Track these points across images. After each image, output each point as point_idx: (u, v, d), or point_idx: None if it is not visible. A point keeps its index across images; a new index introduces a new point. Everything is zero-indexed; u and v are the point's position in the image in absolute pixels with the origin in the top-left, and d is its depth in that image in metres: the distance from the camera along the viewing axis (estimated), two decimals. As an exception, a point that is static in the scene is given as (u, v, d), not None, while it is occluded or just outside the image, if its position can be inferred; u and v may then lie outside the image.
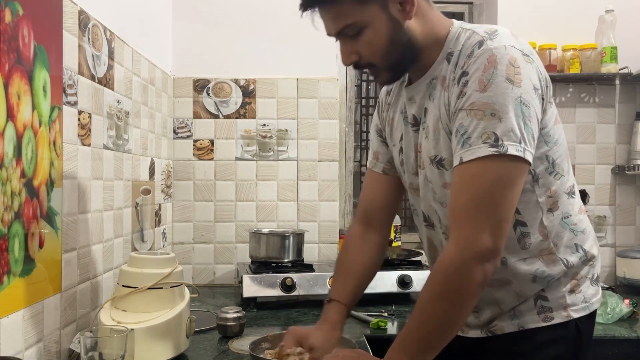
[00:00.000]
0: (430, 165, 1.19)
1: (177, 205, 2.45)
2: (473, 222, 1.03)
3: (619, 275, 2.32)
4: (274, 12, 2.46)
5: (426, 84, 1.19)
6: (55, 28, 1.34)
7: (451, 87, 1.11)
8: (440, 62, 1.16)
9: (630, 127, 2.47)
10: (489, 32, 1.10)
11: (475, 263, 1.03)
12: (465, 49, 1.10)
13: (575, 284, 1.19)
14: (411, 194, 1.32)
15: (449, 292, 1.05)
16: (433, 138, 1.16)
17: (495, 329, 1.21)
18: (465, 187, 1.05)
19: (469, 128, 1.05)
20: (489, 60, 1.05)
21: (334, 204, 2.48)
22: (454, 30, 1.16)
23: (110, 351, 1.14)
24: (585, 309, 1.19)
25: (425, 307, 1.07)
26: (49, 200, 1.29)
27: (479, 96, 1.04)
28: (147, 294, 1.38)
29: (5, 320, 1.11)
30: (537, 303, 1.18)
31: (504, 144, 1.02)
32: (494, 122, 1.02)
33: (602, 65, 2.40)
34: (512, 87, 1.03)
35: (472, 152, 1.04)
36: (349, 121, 2.58)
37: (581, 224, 1.21)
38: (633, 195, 2.51)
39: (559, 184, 1.17)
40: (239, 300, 2.08)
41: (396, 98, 1.32)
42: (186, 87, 2.45)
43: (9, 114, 1.12)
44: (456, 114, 1.08)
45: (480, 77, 1.04)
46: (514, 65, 1.04)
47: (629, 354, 1.74)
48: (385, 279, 2.05)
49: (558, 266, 1.17)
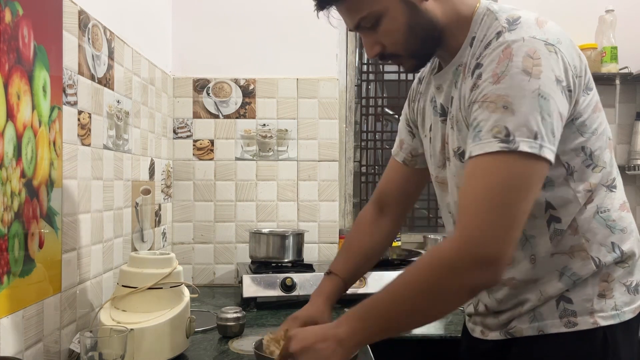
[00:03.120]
0: (454, 157, 1.12)
1: (177, 205, 2.45)
2: (479, 222, 0.94)
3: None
4: (274, 12, 2.46)
5: (452, 71, 1.13)
6: (55, 28, 1.34)
7: (467, 79, 1.06)
8: (466, 47, 1.09)
9: (630, 127, 2.47)
10: (511, 20, 1.02)
11: (474, 267, 0.94)
12: (485, 38, 1.04)
13: (605, 287, 1.08)
14: (438, 188, 1.25)
15: (432, 288, 0.98)
16: (456, 129, 1.10)
17: (514, 331, 1.12)
18: (474, 184, 0.97)
19: (480, 121, 0.97)
20: (504, 52, 0.97)
21: (334, 204, 2.48)
22: (480, 10, 1.09)
23: (110, 351, 1.14)
24: (614, 318, 1.07)
25: (404, 289, 1.00)
26: (49, 200, 1.29)
27: (492, 88, 0.97)
28: (147, 294, 1.38)
29: (5, 320, 1.11)
30: (560, 305, 1.08)
31: (515, 139, 0.93)
32: (507, 115, 0.94)
33: (602, 65, 2.40)
34: (529, 79, 0.94)
35: (480, 147, 0.96)
36: (349, 121, 2.58)
37: (621, 222, 1.10)
38: (633, 195, 2.51)
39: (600, 176, 1.08)
40: (239, 300, 2.08)
41: (427, 86, 1.27)
42: (186, 87, 2.45)
43: (8, 114, 1.12)
44: (470, 107, 1.01)
45: (495, 69, 0.97)
46: (532, 57, 0.96)
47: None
48: (386, 279, 2.02)
49: (588, 265, 1.07)
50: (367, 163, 2.73)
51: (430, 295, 0.98)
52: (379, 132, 2.73)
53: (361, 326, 1.02)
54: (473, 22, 1.09)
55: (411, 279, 1.01)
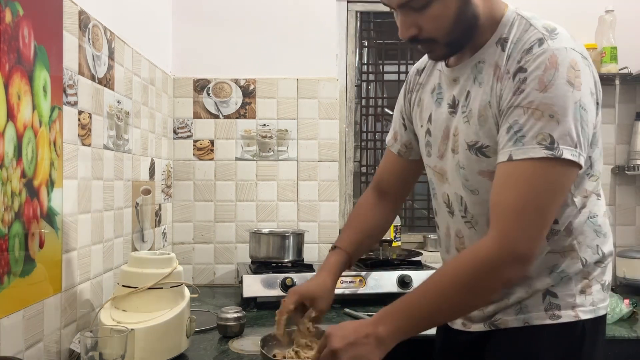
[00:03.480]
0: (467, 150, 1.15)
1: (177, 205, 2.45)
2: (517, 222, 1.01)
3: (619, 275, 2.32)
4: (274, 12, 2.46)
5: (471, 66, 1.16)
6: (55, 28, 1.34)
7: (505, 80, 1.08)
8: (491, 46, 1.13)
9: (630, 127, 2.47)
10: (549, 29, 1.07)
11: (511, 264, 1.02)
12: (523, 43, 1.07)
13: (586, 284, 1.17)
14: (434, 177, 1.29)
15: (475, 285, 1.04)
16: (477, 123, 1.13)
17: (499, 323, 1.18)
18: (513, 185, 1.03)
19: (524, 126, 1.02)
20: (550, 60, 1.02)
21: (334, 204, 2.48)
22: (509, 14, 1.14)
23: (110, 351, 1.14)
24: (592, 312, 1.16)
25: (445, 289, 1.05)
26: (49, 200, 1.29)
27: (539, 96, 1.01)
28: (147, 294, 1.39)
29: (5, 320, 1.11)
30: (546, 299, 1.15)
31: (559, 147, 1.00)
32: (552, 124, 1.00)
33: (602, 65, 2.40)
34: (573, 90, 1.01)
35: (524, 152, 1.01)
36: (349, 121, 2.58)
37: (604, 227, 1.20)
38: (633, 195, 2.51)
39: (594, 185, 1.16)
40: (239, 300, 2.08)
41: (427, 78, 1.30)
42: (186, 87, 2.45)
43: (9, 114, 1.12)
44: (511, 109, 1.05)
45: (541, 76, 1.02)
46: (574, 69, 1.02)
47: (629, 354, 1.74)
48: (385, 279, 2.05)
49: (576, 264, 1.16)
50: (367, 163, 2.73)
51: (470, 291, 1.04)
52: (379, 132, 2.74)
53: (402, 325, 1.06)
54: (502, 23, 1.13)
55: (451, 276, 1.06)
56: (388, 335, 1.05)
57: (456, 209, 1.23)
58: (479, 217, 1.19)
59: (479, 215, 1.19)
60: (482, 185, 1.15)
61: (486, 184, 1.13)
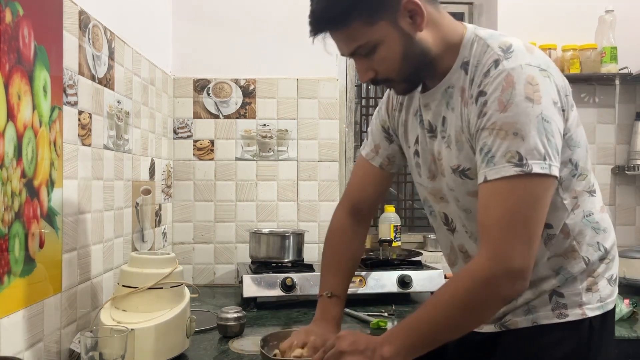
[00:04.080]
0: (452, 174, 1.19)
1: (177, 205, 2.45)
2: (504, 238, 1.04)
3: (619, 275, 2.31)
4: (274, 12, 2.46)
5: (441, 92, 1.19)
6: (55, 28, 1.34)
7: (470, 105, 1.11)
8: (456, 71, 1.16)
9: (630, 127, 2.47)
10: (504, 48, 1.09)
11: (506, 280, 1.04)
12: (482, 66, 1.10)
13: (592, 282, 1.19)
14: (429, 197, 1.31)
15: (473, 303, 1.06)
16: (455, 148, 1.16)
17: (509, 324, 1.21)
18: (493, 204, 1.06)
19: (492, 147, 1.05)
20: (506, 80, 1.05)
21: (334, 204, 2.42)
22: (468, 36, 1.16)
23: (110, 351, 1.14)
24: (599, 309, 1.19)
25: (445, 308, 1.08)
26: (50, 200, 1.29)
27: (500, 116, 1.04)
28: (147, 294, 1.39)
29: (5, 320, 1.11)
30: (553, 299, 1.18)
31: (528, 162, 1.02)
32: (517, 141, 1.03)
33: (602, 65, 2.40)
34: (533, 105, 1.03)
35: (496, 171, 1.04)
36: (349, 121, 2.59)
37: (603, 223, 1.22)
38: (633, 195, 2.51)
39: (584, 184, 1.18)
40: (239, 300, 2.08)
41: (409, 100, 1.31)
42: (186, 87, 2.45)
43: (9, 114, 1.12)
44: (479, 132, 1.08)
45: (500, 97, 1.05)
46: (531, 84, 1.04)
47: (629, 354, 1.74)
48: (385, 279, 2.05)
49: (579, 264, 1.18)
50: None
51: (469, 310, 1.07)
52: (379, 132, 2.73)
53: (405, 345, 1.08)
54: (462, 46, 1.16)
55: (449, 298, 1.08)
56: (391, 355, 1.07)
57: (458, 225, 1.26)
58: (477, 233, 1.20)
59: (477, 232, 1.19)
60: (473, 205, 1.17)
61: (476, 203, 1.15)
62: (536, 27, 2.44)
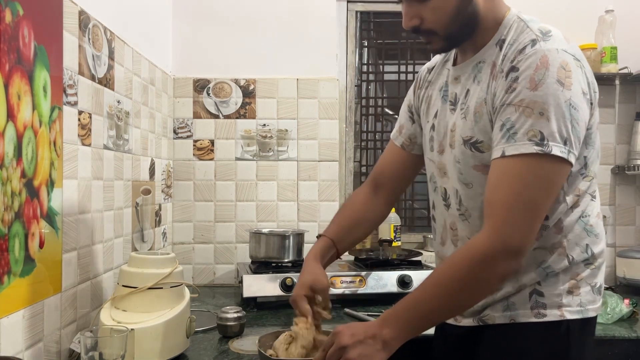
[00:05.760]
0: (462, 145, 1.19)
1: (177, 205, 2.45)
2: (509, 217, 1.05)
3: (619, 275, 2.32)
4: (274, 12, 2.46)
5: (473, 65, 1.21)
6: (55, 28, 1.34)
7: (499, 79, 1.12)
8: (491, 47, 1.18)
9: (630, 127, 2.47)
10: (543, 31, 1.11)
11: (504, 258, 1.04)
12: (517, 44, 1.11)
13: (574, 284, 1.18)
14: (436, 172, 1.32)
15: (470, 280, 1.06)
16: (473, 119, 1.17)
17: (487, 318, 1.21)
18: (505, 182, 1.06)
19: (516, 123, 1.06)
20: (541, 60, 1.06)
21: (334, 204, 2.48)
22: (510, 17, 1.18)
23: (110, 351, 1.14)
24: (579, 313, 1.18)
25: (442, 286, 1.08)
26: (49, 200, 1.29)
27: (530, 94, 1.05)
28: (147, 294, 1.39)
29: (5, 320, 1.11)
30: (532, 297, 1.18)
31: (549, 143, 1.03)
32: (542, 121, 1.04)
33: (602, 65, 2.40)
34: (563, 90, 1.04)
35: (516, 148, 1.05)
36: (349, 121, 2.58)
37: (597, 228, 1.22)
38: (633, 195, 2.51)
39: (588, 185, 1.18)
40: (239, 300, 2.08)
41: (437, 76, 1.34)
42: (186, 87, 2.45)
43: (9, 114, 1.12)
44: (503, 107, 1.09)
45: (532, 75, 1.05)
46: (565, 69, 1.05)
47: (629, 354, 1.74)
48: (385, 279, 2.05)
49: (563, 261, 1.17)
50: (367, 163, 2.73)
51: (467, 287, 1.07)
52: (379, 132, 2.74)
53: (404, 327, 1.09)
54: (502, 25, 1.18)
55: (447, 274, 1.09)
56: (392, 337, 1.08)
57: (452, 202, 1.26)
58: (472, 210, 1.22)
59: (472, 209, 1.22)
60: (475, 179, 1.19)
61: (480, 178, 1.17)
62: (536, 27, 2.44)
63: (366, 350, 1.07)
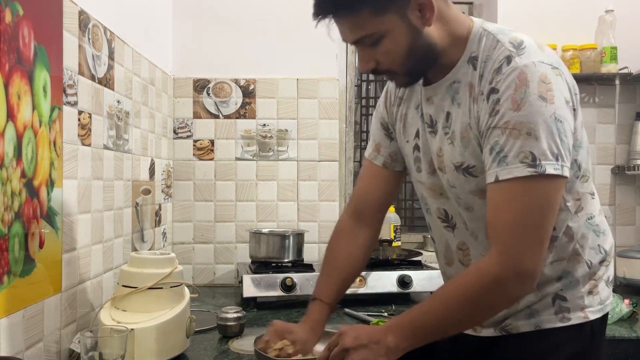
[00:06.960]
0: (455, 171, 1.16)
1: (177, 205, 2.45)
2: (516, 242, 1.04)
3: (619, 275, 2.32)
4: (275, 13, 2.46)
5: (446, 86, 1.17)
6: (55, 28, 1.34)
7: (480, 102, 1.09)
8: (463, 65, 1.14)
9: (630, 127, 2.47)
10: (515, 44, 1.07)
11: (515, 281, 1.04)
12: (492, 62, 1.08)
13: (593, 284, 1.19)
14: (426, 193, 1.29)
15: (481, 301, 1.06)
16: (461, 145, 1.14)
17: (510, 328, 1.20)
18: (506, 206, 1.05)
19: (505, 146, 1.04)
20: (519, 78, 1.03)
21: (334, 204, 2.48)
22: (475, 30, 1.14)
23: (110, 351, 1.14)
24: (600, 311, 1.19)
25: (452, 304, 1.08)
26: (49, 200, 1.29)
27: (514, 115, 1.03)
28: (147, 294, 1.39)
29: (5, 320, 1.11)
30: (556, 303, 1.17)
31: (541, 163, 1.01)
32: (531, 141, 1.02)
33: (602, 65, 2.40)
34: (546, 105, 1.02)
35: (509, 171, 1.03)
36: (349, 121, 2.58)
37: (602, 225, 1.22)
38: (633, 195, 2.51)
39: (586, 186, 1.17)
40: (239, 300, 2.08)
41: (409, 93, 1.29)
42: (186, 87, 2.45)
43: (9, 114, 1.12)
44: (490, 131, 1.06)
45: (513, 95, 1.03)
46: (545, 82, 1.03)
47: (629, 354, 1.74)
48: (385, 279, 2.05)
49: (582, 268, 1.17)
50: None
51: (476, 308, 1.08)
52: (379, 132, 2.73)
53: (409, 337, 1.09)
54: (470, 41, 1.14)
55: (456, 293, 1.08)
56: (395, 345, 1.08)
57: (458, 222, 1.24)
58: (478, 231, 1.20)
59: (478, 230, 1.20)
60: (475, 203, 1.17)
61: (478, 202, 1.15)
62: (536, 27, 2.44)
63: (369, 355, 1.07)
